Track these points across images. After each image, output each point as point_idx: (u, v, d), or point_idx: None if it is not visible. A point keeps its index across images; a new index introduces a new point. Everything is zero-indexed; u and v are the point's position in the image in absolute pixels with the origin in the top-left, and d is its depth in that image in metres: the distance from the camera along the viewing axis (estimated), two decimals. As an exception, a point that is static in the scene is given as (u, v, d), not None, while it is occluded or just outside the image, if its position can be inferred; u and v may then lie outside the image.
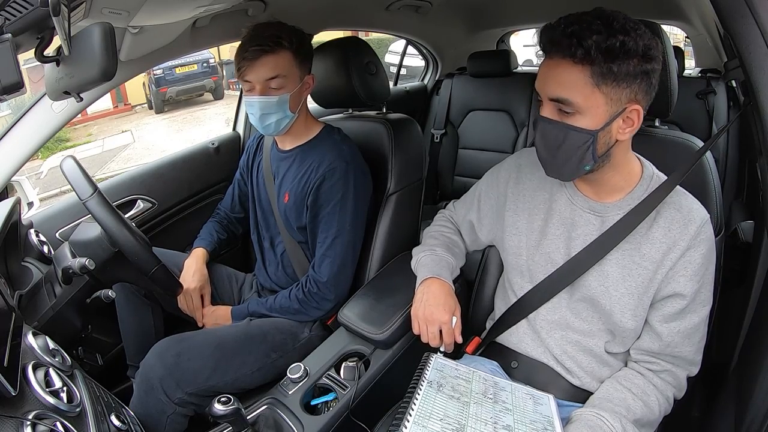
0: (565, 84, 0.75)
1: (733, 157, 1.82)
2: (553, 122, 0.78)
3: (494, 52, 2.65)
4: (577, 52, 0.71)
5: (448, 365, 0.89)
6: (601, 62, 0.71)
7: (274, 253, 1.34)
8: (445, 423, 0.74)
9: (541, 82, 0.79)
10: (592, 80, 0.73)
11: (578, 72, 0.73)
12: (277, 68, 1.12)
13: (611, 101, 0.74)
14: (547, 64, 0.77)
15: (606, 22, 0.71)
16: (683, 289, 0.82)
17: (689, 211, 0.82)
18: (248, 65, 1.12)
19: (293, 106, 1.17)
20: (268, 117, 1.16)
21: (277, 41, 1.10)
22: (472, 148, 2.45)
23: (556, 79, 0.76)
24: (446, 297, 0.96)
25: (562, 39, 0.73)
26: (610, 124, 0.76)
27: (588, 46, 0.71)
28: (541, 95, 0.80)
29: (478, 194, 1.06)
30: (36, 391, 0.68)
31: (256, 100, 1.14)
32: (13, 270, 1.12)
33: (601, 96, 0.74)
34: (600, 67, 0.72)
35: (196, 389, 1.06)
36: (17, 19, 0.64)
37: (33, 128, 1.20)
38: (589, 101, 0.74)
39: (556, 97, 0.76)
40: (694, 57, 2.80)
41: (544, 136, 0.80)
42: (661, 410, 0.85)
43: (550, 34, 0.75)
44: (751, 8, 0.65)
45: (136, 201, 1.50)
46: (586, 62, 0.72)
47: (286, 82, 1.14)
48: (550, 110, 0.79)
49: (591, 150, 0.77)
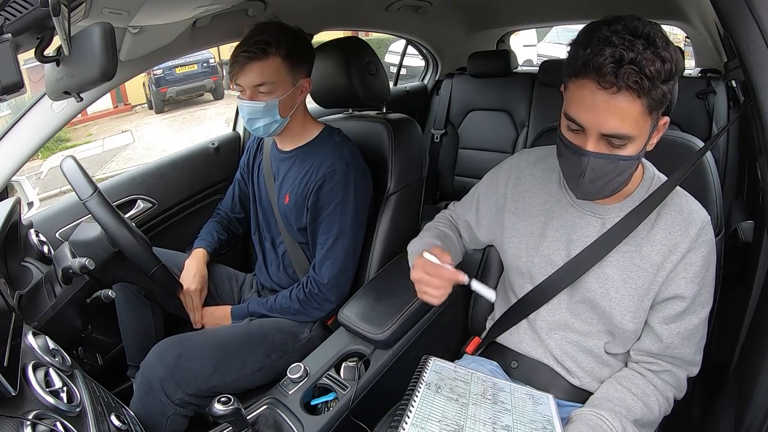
0: (626, 120, 0.69)
1: (733, 157, 1.82)
2: (605, 156, 0.73)
3: (494, 52, 2.64)
4: (643, 83, 0.65)
5: (447, 367, 0.89)
6: (658, 88, 0.67)
7: (275, 253, 1.34)
8: (444, 424, 0.74)
9: (591, 115, 0.70)
10: (647, 109, 0.68)
11: (639, 105, 0.68)
12: (264, 75, 1.12)
13: (652, 121, 0.72)
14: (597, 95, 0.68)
15: (648, 41, 0.65)
16: (684, 292, 0.82)
17: (690, 213, 0.82)
18: (238, 70, 1.12)
19: (284, 111, 1.17)
20: (256, 121, 1.16)
21: (263, 48, 1.10)
22: (472, 148, 2.45)
23: (614, 114, 0.68)
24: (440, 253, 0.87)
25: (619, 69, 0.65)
26: (647, 142, 0.75)
27: (651, 76, 0.65)
28: (588, 128, 0.72)
29: (478, 195, 1.06)
30: (36, 391, 0.68)
31: (245, 105, 1.15)
32: (13, 270, 1.12)
33: (650, 121, 0.71)
34: (651, 95, 0.67)
35: (196, 390, 1.06)
36: (17, 19, 0.64)
37: (33, 128, 1.20)
38: (641, 130, 0.71)
39: (615, 133, 0.70)
40: (694, 57, 2.80)
41: (594, 171, 0.74)
42: (661, 410, 0.85)
43: (599, 62, 0.65)
44: (751, 8, 0.65)
45: (136, 201, 1.50)
46: (644, 95, 0.67)
47: (275, 88, 1.13)
48: (598, 143, 0.72)
49: (629, 170, 0.76)
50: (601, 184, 0.77)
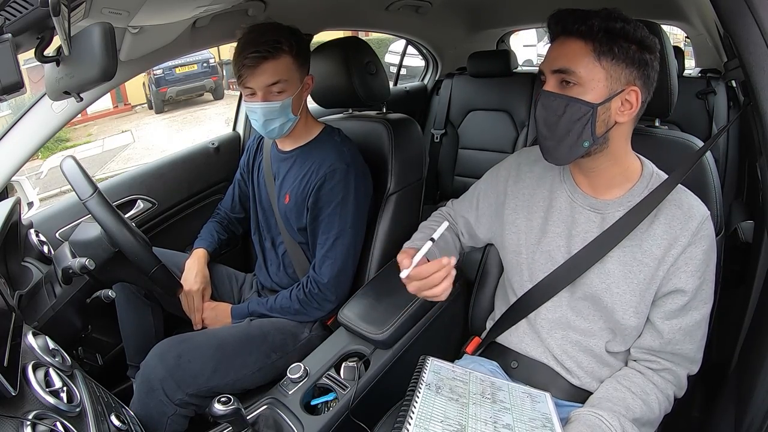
0: (569, 55, 0.79)
1: (733, 157, 1.82)
2: (555, 94, 0.80)
3: (494, 52, 2.64)
4: (581, 28, 0.77)
5: (445, 367, 0.89)
6: (602, 40, 0.76)
7: (275, 253, 1.34)
8: (446, 424, 0.74)
9: (546, 60, 0.82)
10: (594, 54, 0.77)
11: (582, 46, 0.78)
12: (278, 74, 1.11)
13: (611, 78, 0.77)
14: (553, 45, 0.82)
15: (607, 13, 0.78)
16: (684, 285, 0.82)
17: (690, 208, 0.83)
18: (249, 72, 1.10)
19: (295, 109, 1.17)
20: (272, 122, 1.15)
21: (276, 46, 1.09)
22: (472, 148, 2.45)
23: (560, 52, 0.80)
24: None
25: (568, 18, 0.79)
26: (610, 101, 0.78)
27: (591, 24, 0.77)
28: (545, 72, 0.82)
29: (478, 193, 1.06)
30: (36, 391, 0.68)
31: (258, 107, 1.13)
32: (13, 270, 1.11)
33: (601, 71, 0.77)
34: (601, 44, 0.76)
35: (196, 390, 1.06)
36: (17, 19, 0.64)
37: (33, 128, 1.20)
38: (590, 74, 0.77)
39: (560, 67, 0.79)
40: (694, 57, 2.80)
41: (546, 108, 0.82)
42: (662, 409, 0.85)
43: (557, 17, 0.81)
44: (751, 8, 0.65)
45: (136, 201, 1.50)
46: (589, 38, 0.77)
47: (288, 86, 1.13)
48: (553, 84, 0.81)
49: (590, 125, 0.79)
50: (560, 133, 0.81)
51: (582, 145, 0.81)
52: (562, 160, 0.85)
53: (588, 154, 0.83)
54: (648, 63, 0.78)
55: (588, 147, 0.81)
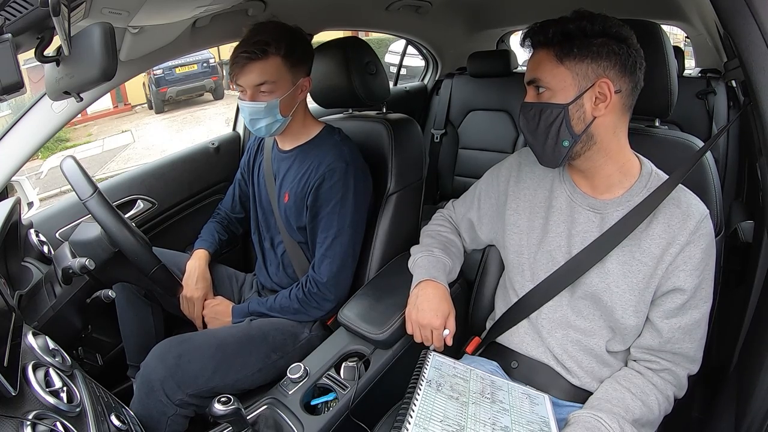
0: (536, 66, 0.84)
1: (733, 157, 1.82)
2: (531, 104, 0.85)
3: (494, 52, 2.64)
4: (541, 38, 0.83)
5: (446, 363, 0.89)
6: (562, 43, 0.80)
7: (275, 253, 1.34)
8: (445, 424, 0.74)
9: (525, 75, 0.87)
10: (556, 59, 0.81)
11: (544, 54, 0.83)
12: (265, 75, 1.11)
13: (578, 76, 0.80)
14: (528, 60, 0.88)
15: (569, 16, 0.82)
16: (683, 284, 0.82)
17: (688, 207, 0.83)
18: (238, 71, 1.12)
19: (285, 110, 1.17)
20: (258, 121, 1.16)
21: (263, 48, 1.10)
22: (472, 148, 2.45)
23: (531, 65, 0.85)
24: (440, 301, 0.97)
25: (531, 33, 0.85)
26: (581, 98, 0.80)
27: (547, 32, 0.82)
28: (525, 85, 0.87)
29: (478, 193, 1.06)
30: (36, 391, 0.68)
31: (246, 105, 1.15)
32: (13, 270, 1.12)
33: (566, 72, 0.81)
34: (561, 47, 0.81)
35: (196, 390, 1.06)
36: (17, 19, 0.64)
37: (33, 128, 1.20)
38: (556, 78, 0.81)
39: (530, 78, 0.85)
40: (694, 57, 2.80)
41: (526, 117, 0.86)
42: (661, 409, 0.85)
43: (525, 35, 0.87)
44: (751, 8, 0.65)
45: (136, 201, 1.50)
46: (549, 45, 0.82)
47: (276, 88, 1.13)
48: (531, 95, 0.86)
49: (565, 124, 0.81)
50: (542, 138, 0.84)
51: (562, 145, 0.82)
52: (553, 163, 0.86)
53: (578, 153, 0.84)
54: (617, 52, 0.79)
55: (569, 146, 0.82)
